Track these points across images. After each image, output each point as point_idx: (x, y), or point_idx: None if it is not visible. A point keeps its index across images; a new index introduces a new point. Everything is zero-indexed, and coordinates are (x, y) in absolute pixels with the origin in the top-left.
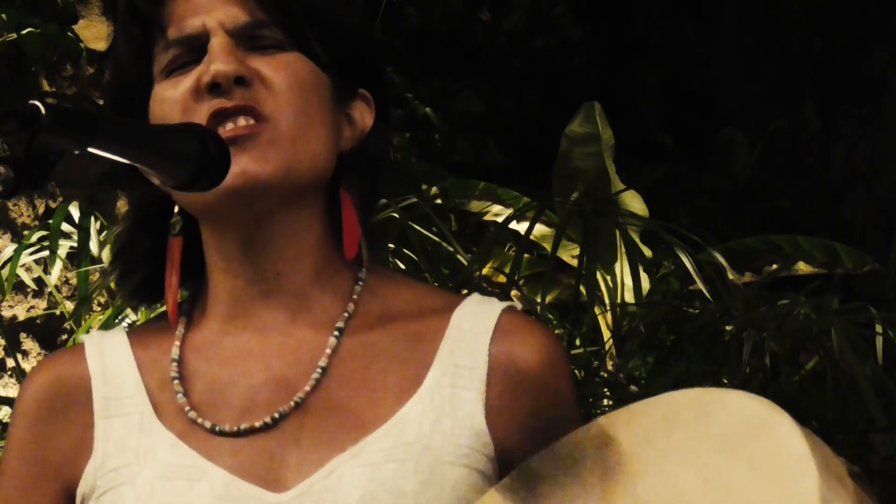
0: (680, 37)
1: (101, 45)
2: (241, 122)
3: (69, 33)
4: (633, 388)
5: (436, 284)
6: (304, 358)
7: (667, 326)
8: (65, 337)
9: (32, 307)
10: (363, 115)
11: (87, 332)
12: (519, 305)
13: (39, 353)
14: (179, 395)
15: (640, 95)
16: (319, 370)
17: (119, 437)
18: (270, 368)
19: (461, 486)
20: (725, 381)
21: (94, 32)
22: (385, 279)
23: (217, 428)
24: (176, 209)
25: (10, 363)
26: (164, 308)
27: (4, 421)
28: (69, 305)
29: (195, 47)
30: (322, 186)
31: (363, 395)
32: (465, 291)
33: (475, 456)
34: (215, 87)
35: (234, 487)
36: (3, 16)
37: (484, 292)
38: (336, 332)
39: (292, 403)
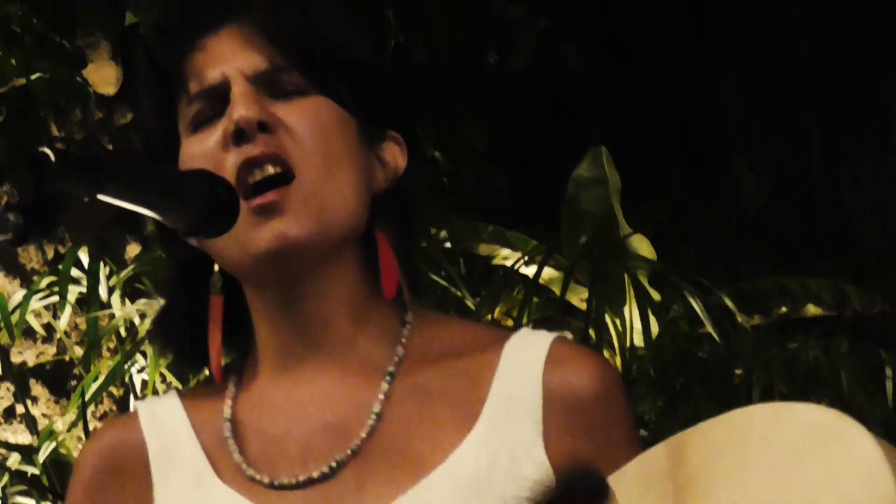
0: (686, 74)
1: (109, 90)
2: (270, 169)
3: (78, 78)
4: (642, 431)
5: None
6: (358, 404)
7: (676, 369)
8: (74, 383)
9: (42, 353)
10: (395, 156)
11: (96, 379)
12: (570, 336)
13: (49, 399)
14: (235, 454)
15: (647, 133)
16: (374, 416)
17: (179, 497)
18: (324, 417)
19: None
20: None
21: (103, 76)
22: (430, 318)
23: (276, 483)
24: (216, 268)
25: (20, 409)
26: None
27: (14, 469)
28: (79, 351)
29: (218, 98)
30: (359, 232)
31: (420, 437)
32: None
33: (537, 488)
34: (240, 135)
35: None
36: (13, 60)
37: None
38: (388, 377)
39: (349, 451)
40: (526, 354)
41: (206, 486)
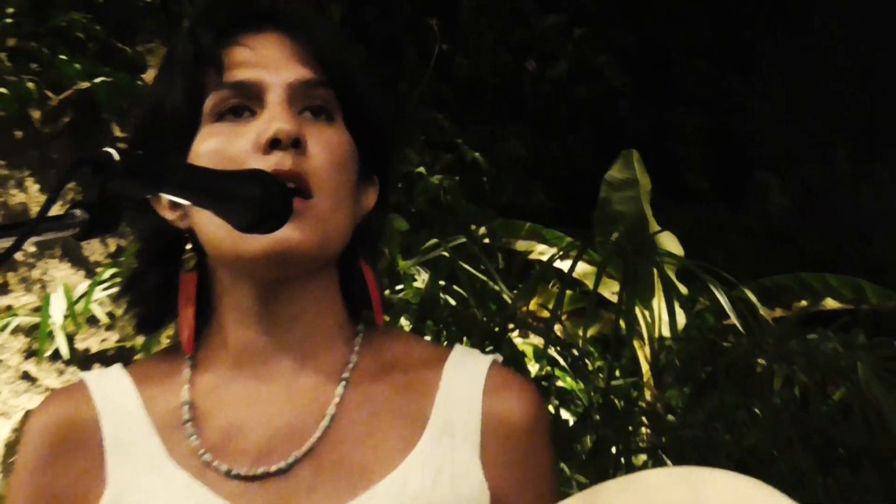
0: (723, 86)
1: None
2: (291, 185)
3: (138, 82)
4: (670, 417)
5: (484, 319)
6: (313, 406)
7: (702, 359)
8: None
9: (105, 339)
10: (368, 196)
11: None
12: (500, 359)
13: None
14: (193, 438)
15: (679, 141)
16: (329, 417)
17: (132, 475)
18: (282, 415)
19: None
20: (757, 412)
21: None
22: (378, 331)
23: (232, 472)
24: (188, 246)
25: None
26: (167, 343)
27: None
28: (139, 339)
29: (249, 95)
30: (339, 255)
31: (368, 446)
32: (512, 326)
33: (476, 503)
34: (275, 144)
35: None
36: (77, 65)
37: (529, 327)
38: (343, 382)
39: (305, 449)
40: (466, 378)
41: (160, 466)
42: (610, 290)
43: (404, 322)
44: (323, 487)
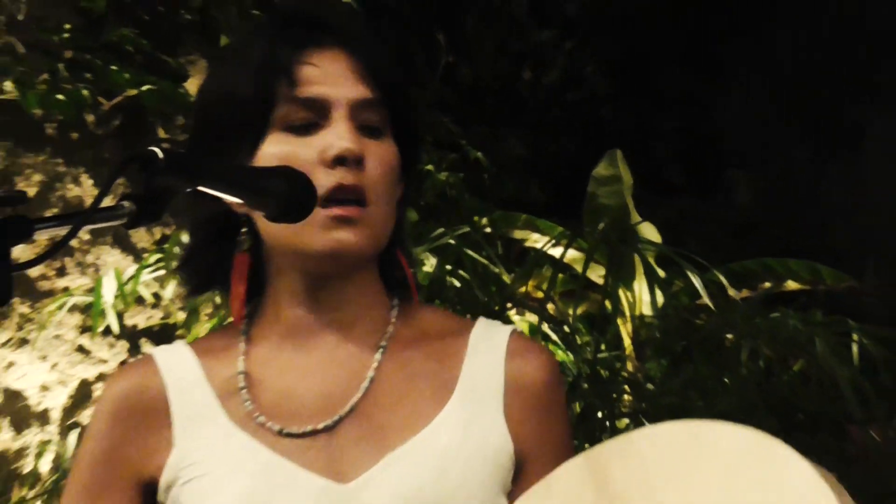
0: (696, 92)
1: None
2: (351, 195)
3: (180, 89)
4: (649, 386)
5: (485, 299)
6: (354, 371)
7: (678, 335)
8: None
9: (150, 317)
10: (400, 194)
11: (196, 338)
12: (519, 329)
13: None
14: (248, 403)
15: (658, 141)
16: (369, 380)
17: (196, 437)
18: (327, 380)
19: (491, 479)
20: (727, 381)
21: None
22: (410, 305)
23: (284, 431)
24: (244, 230)
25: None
26: (228, 321)
27: None
28: (181, 316)
29: (315, 110)
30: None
31: (404, 405)
32: (510, 305)
33: (501, 455)
34: (340, 161)
35: (305, 479)
36: (126, 75)
37: (525, 306)
38: (381, 350)
39: (347, 408)
40: (489, 345)
41: (221, 428)
42: (597, 274)
43: None
44: (364, 441)
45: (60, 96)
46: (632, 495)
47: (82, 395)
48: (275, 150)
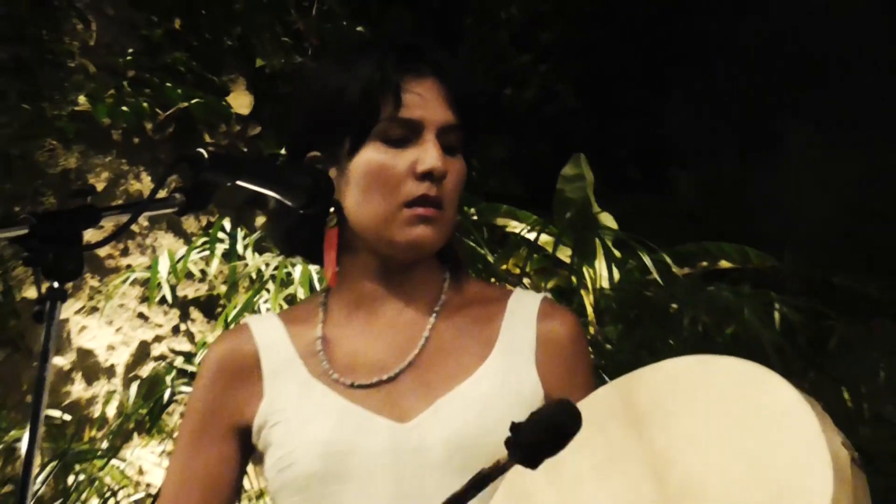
0: (647, 104)
1: (245, 111)
2: (431, 201)
3: (223, 102)
4: (608, 346)
5: (473, 275)
6: (412, 332)
7: (631, 304)
8: (219, 310)
9: (198, 290)
10: None
11: (235, 308)
12: (549, 296)
13: (203, 321)
14: (324, 362)
15: (616, 145)
16: (424, 338)
17: (283, 387)
18: (389, 341)
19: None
20: (672, 342)
21: (240, 102)
22: (459, 277)
23: (355, 384)
24: (332, 209)
25: (183, 327)
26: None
27: (179, 368)
28: (223, 288)
29: (410, 129)
30: None
31: (453, 359)
32: (494, 280)
33: (533, 398)
34: (428, 177)
35: (372, 420)
36: (179, 91)
37: (506, 281)
38: (435, 314)
39: (406, 362)
40: (524, 309)
41: (303, 382)
42: (565, 255)
43: None
44: (420, 389)
45: (124, 108)
46: (652, 419)
47: (141, 353)
48: (373, 156)
